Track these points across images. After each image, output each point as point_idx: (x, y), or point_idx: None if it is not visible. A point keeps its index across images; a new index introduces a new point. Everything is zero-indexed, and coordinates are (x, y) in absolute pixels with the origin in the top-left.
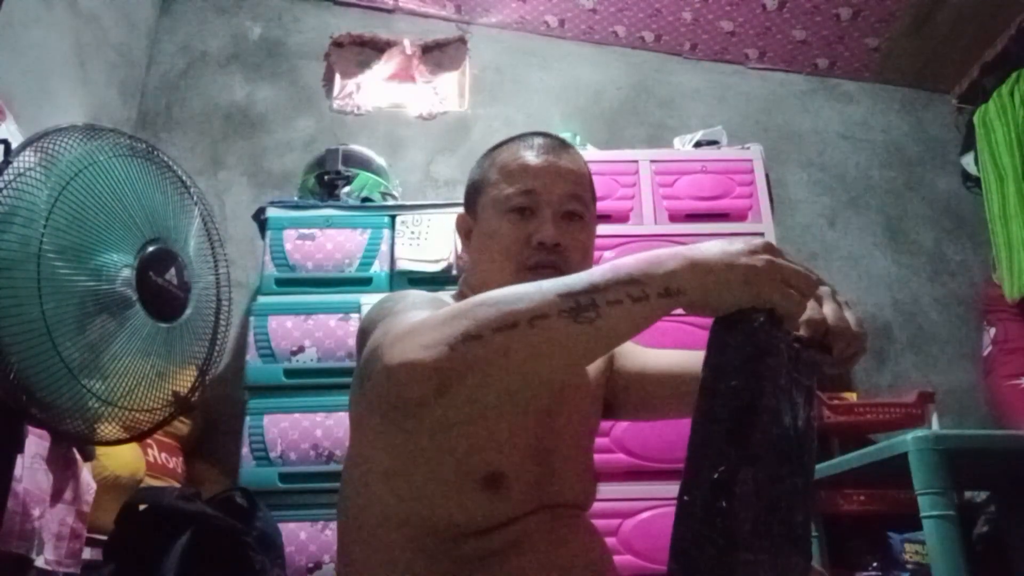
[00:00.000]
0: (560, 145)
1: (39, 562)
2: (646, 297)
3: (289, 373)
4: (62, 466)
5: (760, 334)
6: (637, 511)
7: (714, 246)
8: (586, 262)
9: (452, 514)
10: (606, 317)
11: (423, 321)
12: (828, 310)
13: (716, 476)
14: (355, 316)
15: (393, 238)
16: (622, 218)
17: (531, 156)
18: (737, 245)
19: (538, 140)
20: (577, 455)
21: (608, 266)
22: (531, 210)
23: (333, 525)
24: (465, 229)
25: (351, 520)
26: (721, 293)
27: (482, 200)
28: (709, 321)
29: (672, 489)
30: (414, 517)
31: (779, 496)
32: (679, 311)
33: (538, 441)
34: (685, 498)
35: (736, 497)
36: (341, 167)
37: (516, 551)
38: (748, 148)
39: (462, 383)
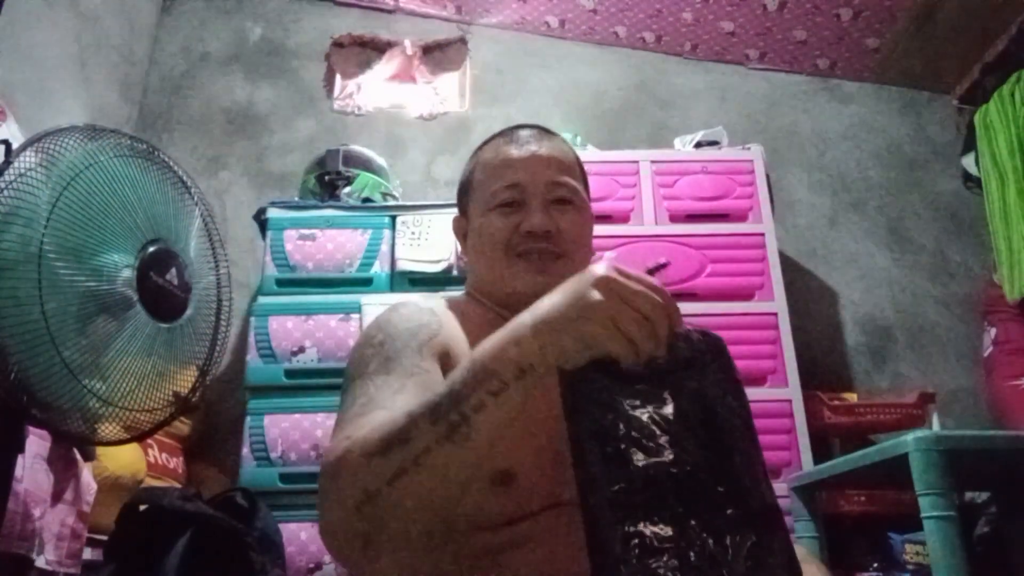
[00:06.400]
0: (541, 133)
1: (40, 562)
2: (505, 387)
3: (290, 373)
4: (63, 466)
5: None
6: None
7: (552, 300)
8: (582, 245)
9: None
10: (478, 427)
11: (341, 464)
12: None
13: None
14: (355, 316)
15: (394, 238)
16: (623, 218)
17: (513, 149)
18: (571, 290)
19: (519, 132)
20: None
21: (468, 363)
22: (519, 203)
23: None
24: (461, 231)
25: None
26: (565, 354)
27: (471, 201)
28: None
29: None
30: None
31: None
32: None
33: (549, 442)
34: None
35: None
36: (342, 167)
37: (525, 546)
38: (749, 148)
39: (381, 533)
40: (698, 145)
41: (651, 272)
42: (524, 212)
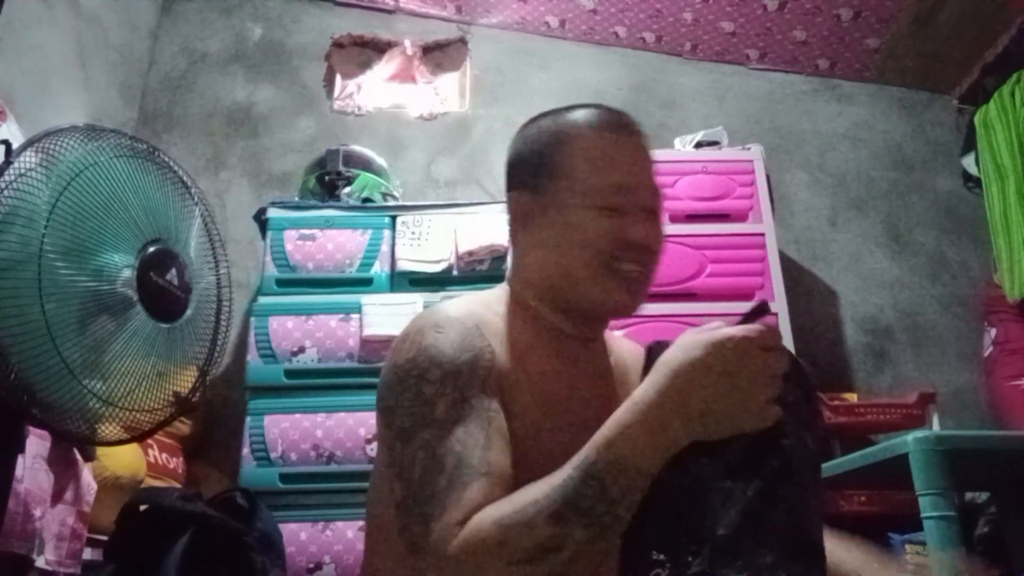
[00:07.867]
0: (638, 127)
1: (40, 562)
2: (653, 474)
3: (290, 373)
4: (63, 466)
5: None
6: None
7: (700, 390)
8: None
9: None
10: (628, 517)
11: (480, 566)
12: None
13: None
14: (355, 316)
15: (394, 239)
16: None
17: (619, 143)
18: (718, 371)
19: (617, 120)
20: None
21: (614, 456)
22: (621, 208)
23: (333, 526)
24: (522, 212)
25: (379, 519)
26: (707, 436)
27: (559, 185)
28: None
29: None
30: None
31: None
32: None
33: (574, 451)
34: None
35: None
36: (342, 167)
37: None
38: (749, 149)
39: None
40: (698, 145)
41: (754, 316)
42: (625, 219)
